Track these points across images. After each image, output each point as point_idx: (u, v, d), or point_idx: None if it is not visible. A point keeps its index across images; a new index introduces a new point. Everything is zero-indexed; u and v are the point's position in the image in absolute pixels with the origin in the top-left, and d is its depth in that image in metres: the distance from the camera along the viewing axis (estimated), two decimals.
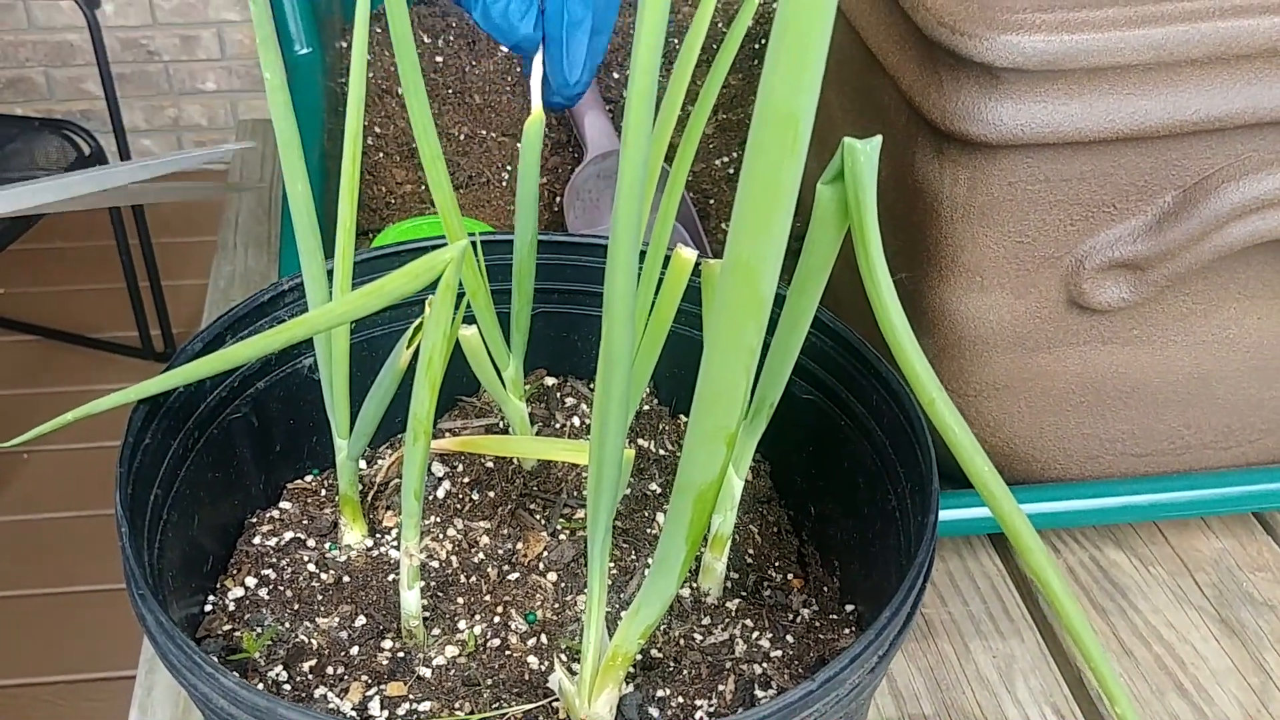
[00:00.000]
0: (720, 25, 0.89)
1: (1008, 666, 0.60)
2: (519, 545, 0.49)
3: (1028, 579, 0.65)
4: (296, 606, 0.47)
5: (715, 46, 0.77)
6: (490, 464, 0.53)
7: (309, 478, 0.54)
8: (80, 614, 1.66)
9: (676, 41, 0.84)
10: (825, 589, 0.49)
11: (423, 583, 0.47)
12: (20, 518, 1.79)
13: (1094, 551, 0.67)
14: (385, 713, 0.43)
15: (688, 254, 0.40)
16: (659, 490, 0.52)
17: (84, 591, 1.70)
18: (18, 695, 1.58)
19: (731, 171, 0.88)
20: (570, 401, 0.56)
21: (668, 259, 0.41)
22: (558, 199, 0.83)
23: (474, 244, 0.47)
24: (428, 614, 0.47)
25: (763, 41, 0.90)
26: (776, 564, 0.51)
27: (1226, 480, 0.64)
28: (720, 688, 0.43)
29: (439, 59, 0.90)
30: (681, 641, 0.45)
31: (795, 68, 0.27)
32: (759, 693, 0.43)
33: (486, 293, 0.48)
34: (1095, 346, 0.60)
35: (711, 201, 0.87)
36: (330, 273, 0.46)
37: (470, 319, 0.48)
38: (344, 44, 0.91)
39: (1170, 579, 0.65)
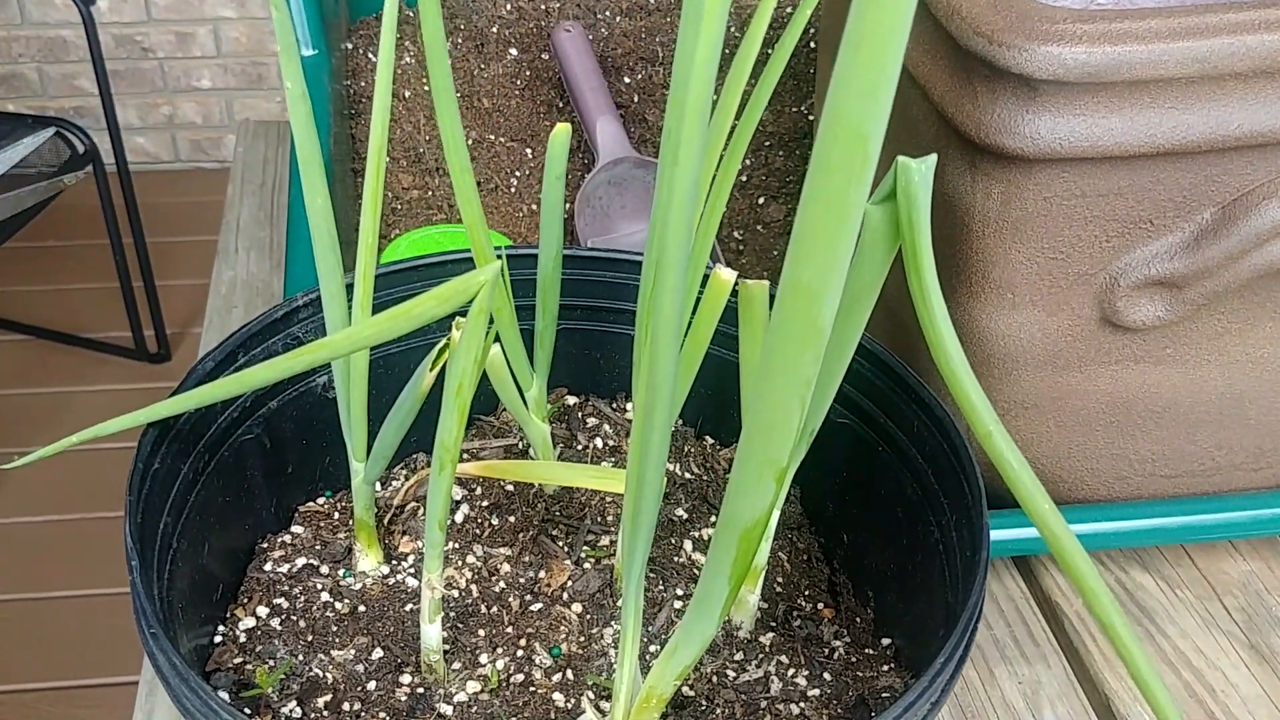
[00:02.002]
0: (735, 31, 0.87)
1: (1034, 693, 0.59)
2: (541, 574, 0.48)
3: (1053, 602, 0.63)
4: (310, 638, 0.45)
5: (732, 54, 0.75)
6: (510, 487, 0.51)
7: (321, 500, 0.52)
8: (71, 619, 1.64)
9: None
10: (858, 620, 0.48)
11: (441, 613, 0.45)
12: (8, 521, 1.76)
13: (1120, 574, 0.66)
14: None
15: (726, 274, 0.38)
16: (686, 516, 0.51)
17: (75, 597, 1.67)
18: (3, 703, 1.55)
19: (744, 179, 0.87)
20: (592, 422, 0.54)
21: (704, 279, 0.39)
22: (567, 205, 0.81)
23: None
24: (447, 646, 0.45)
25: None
26: (806, 593, 0.49)
27: (1258, 502, 0.63)
28: None
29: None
30: (714, 679, 0.43)
31: (869, 85, 0.26)
32: None
33: (512, 311, 0.46)
34: (1127, 365, 0.58)
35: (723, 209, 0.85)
36: (349, 287, 0.44)
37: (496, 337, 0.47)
38: (349, 45, 0.89)
39: (1198, 603, 0.64)
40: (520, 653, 0.45)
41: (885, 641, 0.46)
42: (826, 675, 0.44)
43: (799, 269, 0.29)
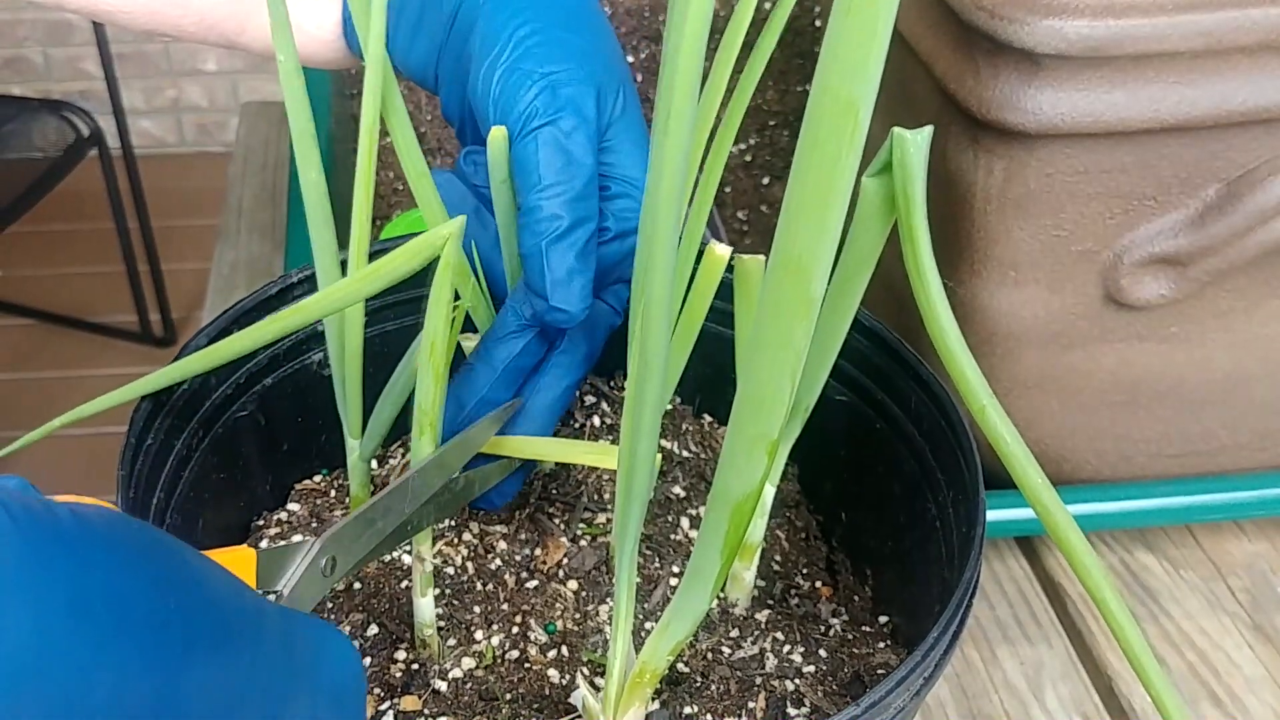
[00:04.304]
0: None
1: (1036, 674, 0.58)
2: (537, 551, 0.47)
3: (1056, 583, 0.63)
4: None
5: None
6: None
7: (318, 478, 0.52)
8: None
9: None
10: (856, 598, 0.47)
11: (437, 590, 0.45)
12: None
13: (1124, 554, 0.65)
14: None
15: (722, 250, 0.38)
16: (683, 494, 0.50)
17: None
18: None
19: (749, 159, 0.86)
20: (590, 400, 0.54)
21: (699, 255, 0.39)
22: None
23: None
24: (443, 623, 0.45)
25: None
26: (804, 571, 0.49)
27: (1263, 482, 0.62)
28: (751, 705, 0.41)
29: None
30: (709, 655, 0.43)
31: (858, 51, 0.25)
32: (791, 710, 0.41)
33: (488, 304, 0.45)
34: (1131, 344, 0.58)
35: (727, 189, 0.85)
36: (343, 264, 0.43)
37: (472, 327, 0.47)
38: None
39: (1203, 583, 0.63)
40: (516, 629, 0.45)
41: (882, 619, 0.46)
42: (822, 652, 0.44)
43: (789, 240, 0.29)
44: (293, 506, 0.50)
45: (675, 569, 0.47)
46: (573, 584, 0.46)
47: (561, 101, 0.43)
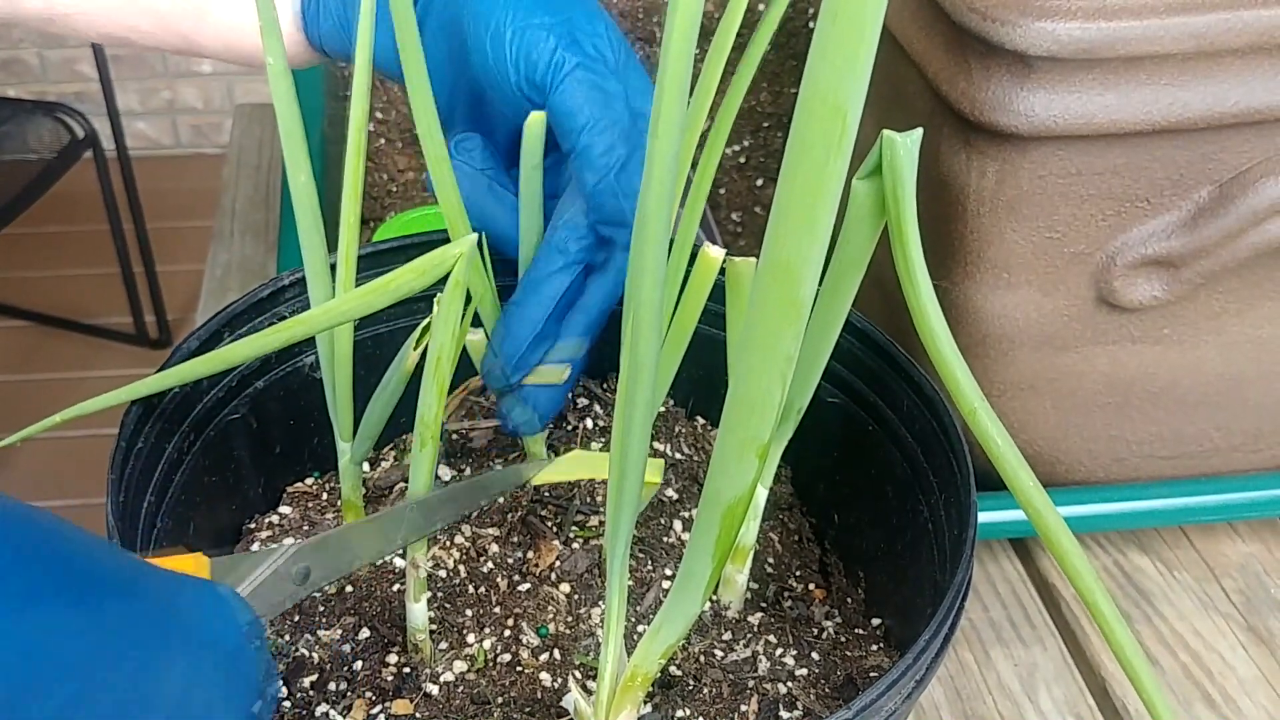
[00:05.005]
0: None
1: (1030, 675, 0.58)
2: (530, 554, 0.47)
3: (1050, 584, 0.63)
4: (297, 618, 0.45)
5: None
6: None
7: (309, 480, 0.52)
8: None
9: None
10: (849, 600, 0.47)
11: (428, 593, 0.45)
12: None
13: (1118, 556, 0.65)
14: None
15: (715, 252, 0.38)
16: (676, 496, 0.50)
17: None
18: None
19: (743, 160, 0.86)
20: (583, 402, 0.54)
21: (692, 256, 0.39)
22: None
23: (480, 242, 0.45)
24: (434, 626, 0.45)
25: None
26: (797, 573, 0.49)
27: (1257, 484, 0.62)
28: (743, 708, 0.41)
29: None
30: (702, 658, 0.43)
31: (846, 56, 0.25)
32: (784, 714, 0.41)
33: (494, 297, 0.45)
34: (1124, 346, 0.58)
35: (722, 190, 0.85)
36: (333, 267, 0.43)
37: (478, 322, 0.46)
38: None
39: (1196, 585, 0.63)
40: (508, 633, 0.44)
41: (875, 621, 0.46)
42: (815, 655, 0.44)
43: (778, 245, 0.29)
44: (284, 509, 0.50)
45: (668, 572, 0.47)
46: (565, 587, 0.46)
47: (584, 43, 0.44)
